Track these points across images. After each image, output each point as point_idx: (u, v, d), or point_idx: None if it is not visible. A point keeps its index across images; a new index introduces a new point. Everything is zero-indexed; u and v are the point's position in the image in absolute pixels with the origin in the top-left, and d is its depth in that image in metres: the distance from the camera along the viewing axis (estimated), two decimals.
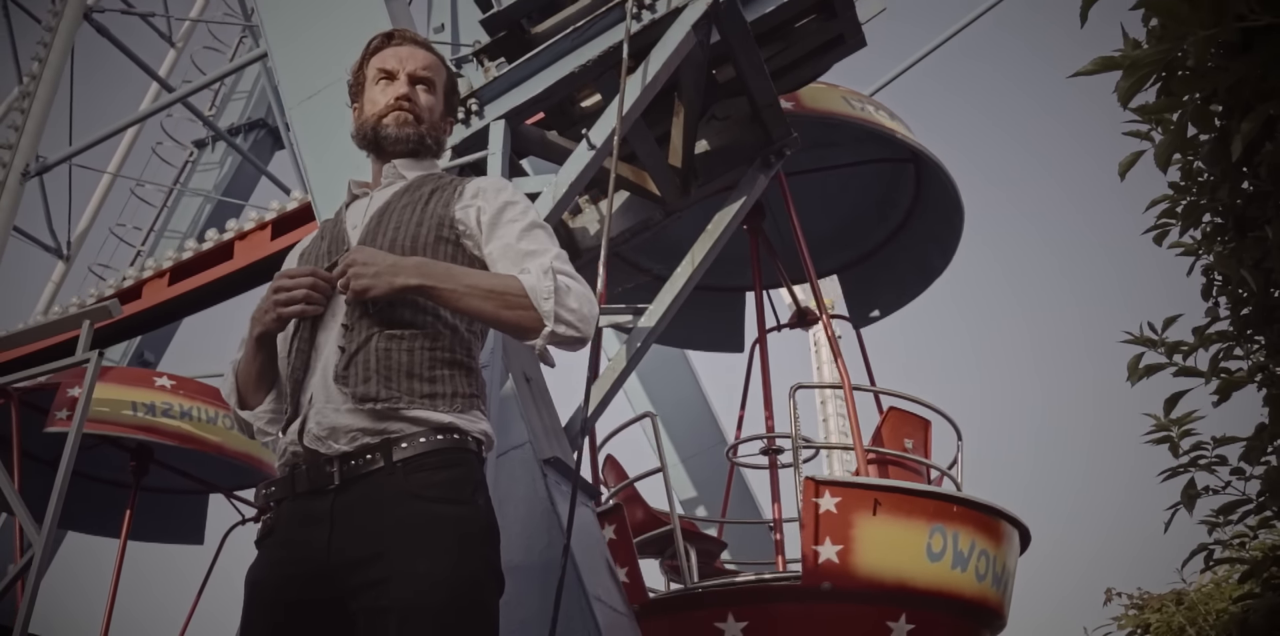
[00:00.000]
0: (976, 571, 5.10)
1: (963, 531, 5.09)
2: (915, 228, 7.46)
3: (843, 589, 4.89)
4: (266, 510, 2.42)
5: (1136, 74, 1.52)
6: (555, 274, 2.35)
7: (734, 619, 4.96)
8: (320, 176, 5.09)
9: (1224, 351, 2.79)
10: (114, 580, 8.08)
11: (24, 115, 9.39)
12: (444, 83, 2.75)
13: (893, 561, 4.93)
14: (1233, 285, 2.49)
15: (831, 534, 4.91)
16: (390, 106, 2.65)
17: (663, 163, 5.11)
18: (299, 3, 5.70)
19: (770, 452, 6.47)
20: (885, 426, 5.74)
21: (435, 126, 2.71)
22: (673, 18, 4.58)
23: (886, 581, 4.91)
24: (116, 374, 8.18)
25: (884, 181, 7.41)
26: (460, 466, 2.31)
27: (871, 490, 5.05)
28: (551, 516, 3.99)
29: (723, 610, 5.01)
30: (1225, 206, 2.15)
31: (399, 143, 2.64)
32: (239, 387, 2.54)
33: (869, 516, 4.95)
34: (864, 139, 6.89)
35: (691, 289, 5.11)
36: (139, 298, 8.40)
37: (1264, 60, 1.39)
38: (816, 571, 4.89)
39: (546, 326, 2.31)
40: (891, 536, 4.96)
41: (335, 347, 2.36)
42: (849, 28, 5.23)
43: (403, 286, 2.30)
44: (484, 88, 4.82)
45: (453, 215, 2.50)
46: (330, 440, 2.30)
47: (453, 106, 2.80)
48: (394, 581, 2.16)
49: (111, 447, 8.17)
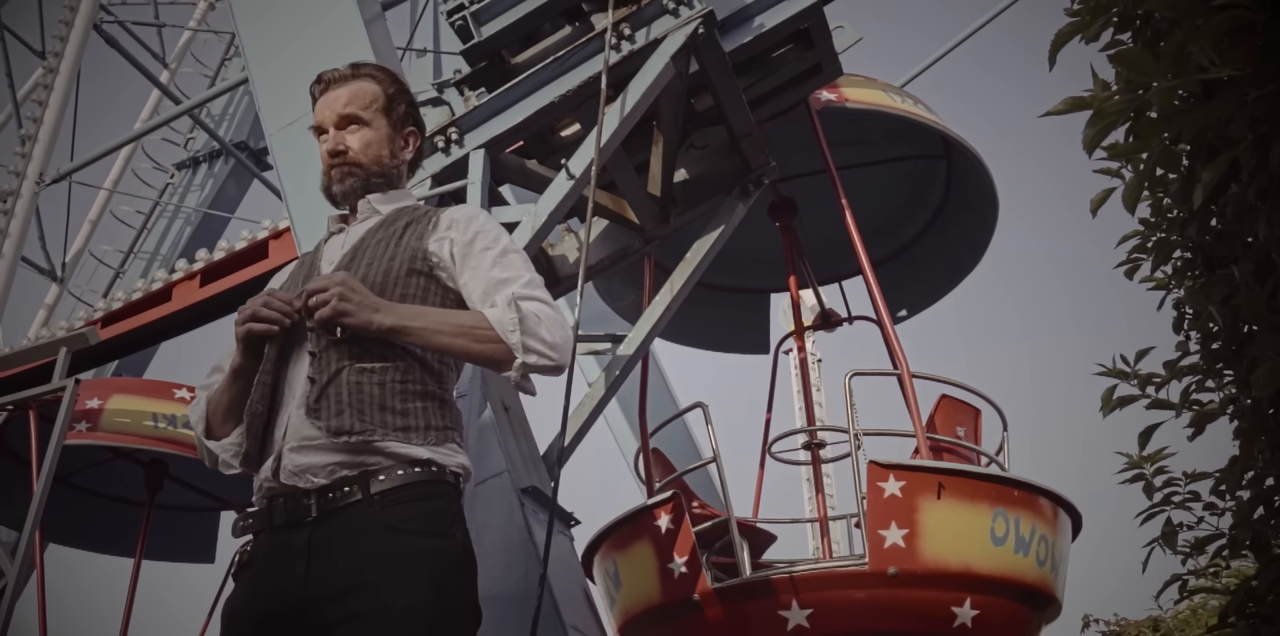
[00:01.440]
0: (1038, 556, 5.05)
1: (1024, 516, 5.03)
2: (945, 226, 7.39)
3: (908, 573, 4.81)
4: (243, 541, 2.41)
5: (1101, 122, 1.55)
6: (519, 303, 2.35)
7: (798, 606, 4.88)
8: (300, 203, 5.10)
9: (1195, 384, 2.82)
10: (128, 600, 7.95)
11: (37, 124, 9.37)
12: (381, 103, 2.66)
13: (958, 546, 4.86)
14: (1203, 319, 2.52)
15: (897, 518, 4.84)
16: (327, 165, 2.63)
17: (642, 191, 5.14)
18: (278, 29, 5.72)
19: (812, 446, 6.43)
20: (938, 414, 5.66)
21: (379, 159, 2.65)
22: (652, 49, 4.62)
23: (952, 566, 4.84)
24: (137, 385, 8.05)
25: (913, 180, 7.31)
26: (438, 498, 2.31)
27: (935, 473, 4.98)
28: (529, 545, 4.00)
29: (787, 597, 4.92)
30: (1194, 244, 2.18)
31: (349, 196, 2.64)
32: (209, 416, 2.53)
33: (933, 500, 4.89)
34: (898, 135, 6.82)
35: (670, 317, 5.12)
36: (130, 317, 8.31)
37: (1224, 110, 1.42)
38: (883, 556, 4.82)
39: (517, 358, 2.33)
40: (956, 520, 4.89)
41: (305, 379, 2.36)
42: (826, 57, 5.30)
43: (379, 325, 2.30)
44: (464, 117, 4.84)
45: (426, 248, 2.50)
46: (308, 474, 2.30)
47: (405, 117, 2.70)
48: (371, 615, 2.16)
49: (125, 462, 8.01)
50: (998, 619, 4.97)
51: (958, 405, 5.70)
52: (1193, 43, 1.44)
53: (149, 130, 12.70)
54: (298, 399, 2.35)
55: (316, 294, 2.31)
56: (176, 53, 15.71)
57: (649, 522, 5.20)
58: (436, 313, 2.40)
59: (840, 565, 5.05)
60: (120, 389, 7.75)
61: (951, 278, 7.52)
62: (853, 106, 6.32)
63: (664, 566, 5.11)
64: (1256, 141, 1.51)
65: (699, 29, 4.59)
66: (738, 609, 5.03)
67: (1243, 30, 1.45)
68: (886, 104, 6.46)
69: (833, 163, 6.16)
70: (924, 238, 7.46)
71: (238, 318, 2.40)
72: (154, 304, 7.90)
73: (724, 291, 7.71)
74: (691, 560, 5.06)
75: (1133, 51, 1.46)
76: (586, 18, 4.89)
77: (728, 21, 4.90)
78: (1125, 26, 1.73)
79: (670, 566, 5.08)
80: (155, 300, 7.89)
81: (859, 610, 4.89)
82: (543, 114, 4.77)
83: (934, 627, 4.91)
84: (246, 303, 2.42)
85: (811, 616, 4.87)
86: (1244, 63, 1.43)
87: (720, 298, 7.73)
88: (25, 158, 9.16)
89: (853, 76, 6.32)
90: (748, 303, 7.89)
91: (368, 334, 2.32)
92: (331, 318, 2.28)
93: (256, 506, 2.40)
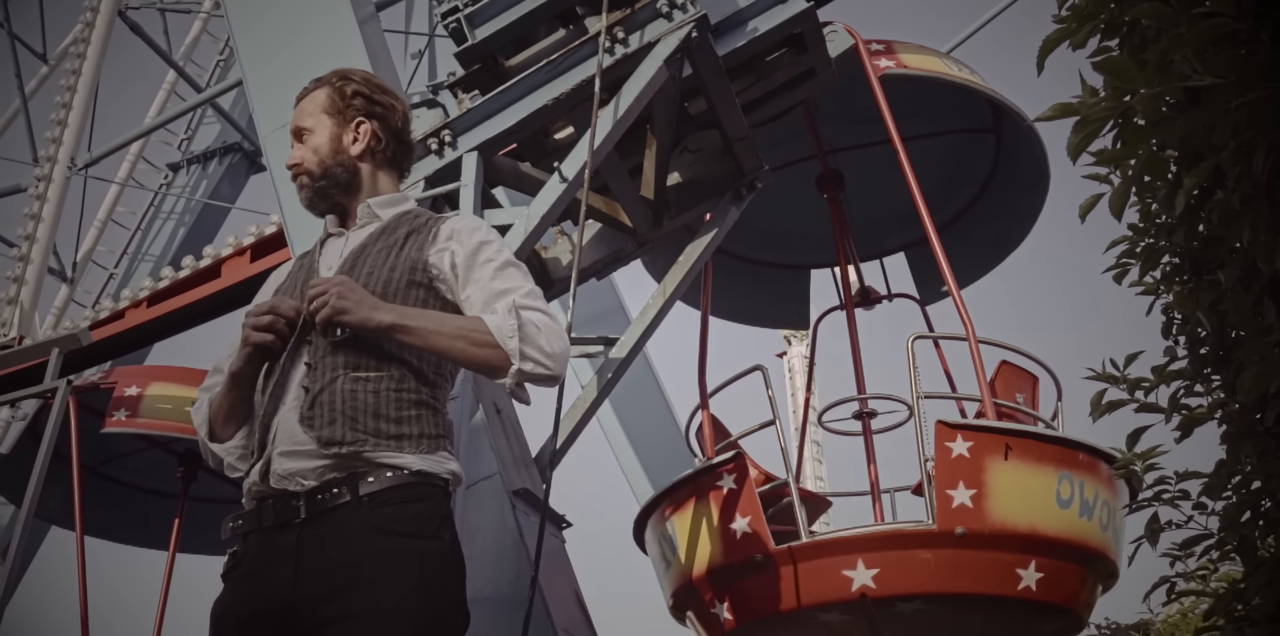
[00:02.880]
0: (1100, 521, 5.02)
1: (1088, 480, 5.00)
2: (991, 201, 7.32)
3: (976, 533, 4.79)
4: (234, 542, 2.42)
5: (1086, 129, 1.56)
6: (520, 311, 2.36)
7: (864, 566, 4.85)
8: (294, 205, 5.07)
9: (1184, 389, 2.83)
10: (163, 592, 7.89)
11: (66, 109, 9.38)
12: (325, 104, 2.65)
13: (1024, 507, 4.82)
14: (1191, 324, 2.53)
15: (965, 478, 4.81)
16: (291, 178, 2.67)
17: (635, 194, 5.15)
18: (273, 30, 5.73)
19: (863, 416, 6.43)
20: (998, 379, 5.62)
21: (323, 160, 2.62)
22: (645, 52, 4.63)
23: (1019, 527, 4.81)
24: (176, 373, 7.96)
25: (959, 154, 7.24)
26: (426, 500, 2.32)
27: (1003, 435, 4.96)
28: (520, 547, 4.00)
29: (852, 557, 4.89)
30: (1182, 249, 2.19)
31: (314, 206, 2.65)
32: (211, 419, 2.54)
33: (1001, 461, 4.86)
34: (948, 108, 6.77)
35: (663, 320, 5.13)
36: (121, 318, 8.28)
37: (1208, 117, 1.44)
38: (950, 515, 4.79)
39: (513, 365, 2.33)
40: (1023, 482, 4.86)
41: (299, 388, 2.37)
42: (820, 61, 5.30)
43: (378, 322, 2.31)
44: (457, 119, 4.85)
45: (426, 259, 2.50)
46: (298, 477, 2.31)
47: (351, 109, 2.65)
48: (359, 617, 2.17)
49: (160, 452, 7.94)
50: (1061, 582, 4.92)
51: (1017, 371, 5.67)
52: (1175, 51, 1.45)
53: (173, 118, 12.64)
54: (289, 404, 2.36)
55: (315, 297, 2.32)
56: (188, 41, 15.66)
57: (711, 483, 5.16)
58: (436, 314, 2.41)
59: (907, 525, 5.01)
60: (159, 376, 7.64)
61: (997, 253, 7.44)
62: (913, 73, 6.23)
63: (726, 527, 5.07)
64: (1239, 148, 1.52)
65: (692, 33, 4.60)
66: (802, 569, 4.96)
67: (1225, 38, 1.46)
68: (944, 71, 6.37)
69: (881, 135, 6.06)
70: (968, 214, 7.38)
71: (246, 322, 2.40)
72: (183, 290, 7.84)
73: (764, 266, 7.73)
74: (755, 520, 5.01)
75: (1117, 59, 1.47)
76: (580, 21, 4.90)
77: (721, 25, 4.90)
78: (1112, 34, 1.75)
79: (733, 527, 5.04)
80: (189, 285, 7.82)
81: (925, 570, 4.83)
82: (536, 117, 4.78)
83: (998, 589, 4.86)
84: (254, 309, 2.42)
85: (877, 576, 4.82)
86: (1227, 70, 1.45)
87: (760, 273, 7.75)
88: (56, 142, 9.16)
89: (906, 43, 6.27)
90: (788, 278, 7.86)
91: (367, 332, 2.33)
92: (330, 317, 2.29)
93: (245, 508, 2.41)
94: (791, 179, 7.18)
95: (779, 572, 4.94)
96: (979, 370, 5.28)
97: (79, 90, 9.66)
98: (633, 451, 9.85)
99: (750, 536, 4.99)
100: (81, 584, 6.62)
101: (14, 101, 11.81)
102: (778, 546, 4.96)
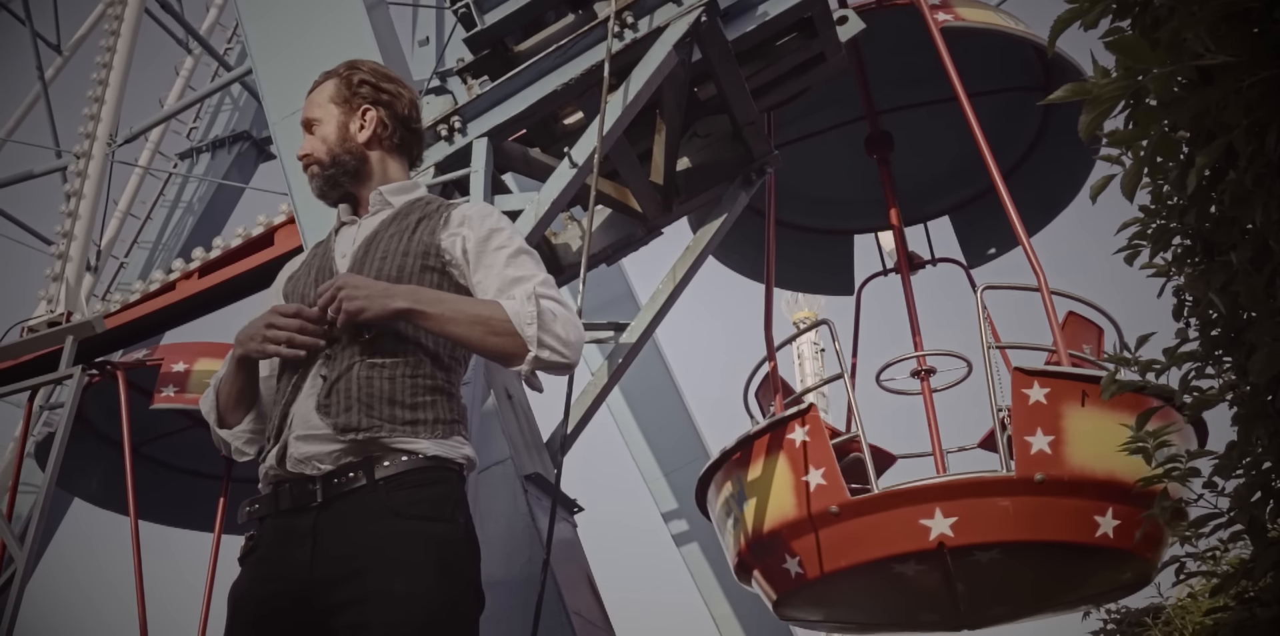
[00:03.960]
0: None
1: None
2: (1039, 160, 7.23)
3: (1055, 480, 4.74)
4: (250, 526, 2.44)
5: (1098, 109, 1.56)
6: (539, 299, 2.37)
7: (941, 514, 4.81)
8: (305, 193, 5.07)
9: (1195, 371, 2.83)
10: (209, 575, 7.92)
11: (103, 86, 9.44)
12: (332, 94, 2.68)
13: (1102, 453, 4.74)
14: (1202, 306, 2.53)
15: (1043, 424, 4.77)
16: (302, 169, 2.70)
17: (644, 180, 5.15)
18: (283, 18, 5.73)
19: (923, 373, 6.38)
20: (1065, 330, 5.56)
21: (330, 149, 2.65)
22: (654, 37, 4.62)
23: (1098, 473, 4.76)
24: (223, 349, 7.92)
25: (1006, 115, 7.14)
26: (441, 484, 2.34)
27: (1079, 381, 4.91)
28: (532, 532, 4.02)
29: (929, 506, 4.84)
30: (1193, 231, 2.19)
31: (325, 195, 2.68)
32: (219, 406, 2.56)
33: (1078, 407, 4.83)
34: (1000, 66, 6.66)
35: (673, 305, 5.13)
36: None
37: (1220, 96, 1.44)
38: (1029, 462, 4.73)
39: (530, 352, 2.33)
40: (1100, 428, 4.77)
41: (317, 376, 2.38)
42: (830, 46, 5.28)
43: (395, 310, 2.31)
44: (467, 105, 4.85)
45: (438, 243, 2.51)
46: (314, 461, 2.33)
47: (357, 97, 2.68)
48: (374, 599, 2.18)
49: (203, 432, 8.00)
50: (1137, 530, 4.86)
51: (1084, 322, 5.64)
52: (1188, 29, 1.45)
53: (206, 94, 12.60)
54: (306, 391, 2.38)
55: (327, 305, 2.32)
56: (209, 22, 15.64)
57: (782, 436, 5.13)
58: (454, 298, 2.42)
59: (986, 473, 4.95)
60: (206, 352, 7.69)
61: (1045, 214, 7.36)
62: (973, 26, 6.14)
63: (799, 479, 5.03)
64: (1251, 127, 1.52)
65: (701, 17, 4.59)
66: (879, 520, 4.92)
67: (1238, 17, 1.46)
68: (1001, 24, 6.28)
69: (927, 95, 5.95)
70: (1016, 174, 7.28)
71: (266, 333, 2.36)
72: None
73: (808, 232, 7.73)
74: (830, 471, 4.97)
75: (1128, 38, 1.47)
76: (589, 6, 4.89)
77: (730, 10, 4.89)
78: (1124, 13, 1.74)
79: (806, 479, 5.00)
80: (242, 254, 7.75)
81: (1003, 518, 4.80)
82: (545, 102, 4.78)
83: (1076, 537, 4.82)
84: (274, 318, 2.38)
85: (956, 524, 4.78)
86: (1239, 49, 1.45)
87: (805, 239, 7.75)
88: (94, 119, 9.21)
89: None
90: (832, 244, 7.83)
91: (387, 320, 2.33)
92: (349, 320, 2.30)
93: (262, 492, 2.42)
94: (834, 144, 7.14)
95: (855, 524, 4.90)
96: (1052, 319, 5.23)
97: (114, 66, 9.72)
98: (642, 436, 9.87)
99: (825, 488, 4.94)
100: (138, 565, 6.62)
101: (18, 92, 11.88)
102: (853, 497, 4.90)
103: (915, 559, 4.89)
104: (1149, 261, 2.59)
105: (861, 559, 4.95)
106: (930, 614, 5.37)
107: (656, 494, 9.57)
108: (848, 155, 7.13)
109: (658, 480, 9.54)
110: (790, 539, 5.13)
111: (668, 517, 9.47)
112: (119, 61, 9.75)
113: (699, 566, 9.35)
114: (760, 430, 5.34)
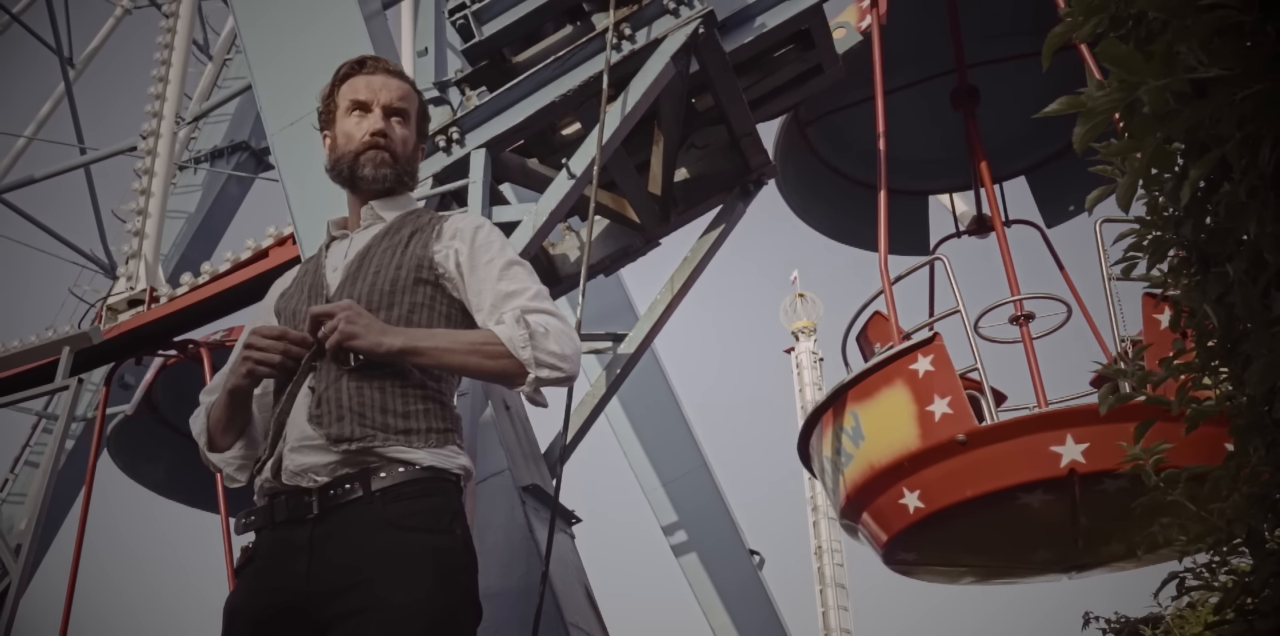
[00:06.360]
0: None
1: None
2: None
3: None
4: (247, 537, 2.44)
5: (1091, 121, 1.57)
6: (527, 318, 2.37)
7: (1073, 441, 4.69)
8: (303, 203, 5.11)
9: (1191, 382, 2.83)
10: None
11: (166, 66, 9.58)
12: (416, 111, 2.72)
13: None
14: (1198, 317, 2.53)
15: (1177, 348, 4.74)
16: (366, 144, 2.62)
17: (642, 190, 5.16)
18: (279, 28, 5.73)
19: (1021, 318, 6.25)
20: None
21: (410, 160, 2.70)
22: (652, 48, 4.63)
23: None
24: None
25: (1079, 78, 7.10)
26: (438, 495, 2.34)
27: None
28: (530, 543, 4.02)
29: (1060, 433, 4.72)
30: (1189, 242, 2.19)
31: (375, 183, 2.63)
32: (209, 429, 2.56)
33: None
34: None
35: (671, 315, 5.13)
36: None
37: (1213, 109, 1.44)
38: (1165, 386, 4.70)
39: (530, 373, 2.34)
40: None
41: (308, 388, 2.38)
42: (827, 57, 5.31)
43: (388, 347, 2.31)
44: (465, 116, 4.86)
45: (431, 256, 2.52)
46: (310, 473, 2.32)
47: (424, 133, 2.77)
48: (372, 611, 2.18)
49: None
50: None
51: None
52: (1181, 42, 1.46)
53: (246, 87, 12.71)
54: (298, 403, 2.38)
55: (322, 323, 2.32)
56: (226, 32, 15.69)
57: (905, 366, 5.03)
58: (445, 332, 2.42)
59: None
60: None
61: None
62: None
63: (923, 410, 4.93)
64: (1245, 140, 1.53)
65: (699, 29, 4.61)
66: (1008, 447, 4.81)
67: (1231, 30, 1.47)
68: None
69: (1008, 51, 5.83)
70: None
71: (251, 344, 2.38)
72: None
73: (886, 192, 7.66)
74: (956, 399, 4.85)
75: (1122, 50, 1.48)
76: (587, 17, 4.91)
77: (728, 21, 4.91)
78: (1118, 27, 1.74)
79: (930, 409, 4.90)
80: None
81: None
82: (544, 113, 4.79)
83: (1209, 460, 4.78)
84: (263, 330, 2.40)
85: (1087, 451, 4.67)
86: (1232, 62, 1.45)
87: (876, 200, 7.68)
88: (160, 98, 9.35)
89: None
90: (906, 204, 7.67)
91: (378, 357, 2.32)
92: (340, 342, 2.29)
93: (258, 504, 2.42)
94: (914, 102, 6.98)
95: (981, 453, 4.79)
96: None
97: (175, 47, 9.85)
98: (640, 447, 9.86)
99: (951, 417, 4.83)
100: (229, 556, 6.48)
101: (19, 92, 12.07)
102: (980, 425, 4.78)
103: (1043, 487, 4.75)
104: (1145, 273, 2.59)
105: (988, 488, 4.81)
106: (1045, 551, 5.22)
107: (655, 504, 9.55)
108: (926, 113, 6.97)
109: (656, 490, 9.51)
110: (911, 471, 5.00)
111: (666, 528, 9.45)
112: (179, 42, 9.90)
113: (698, 577, 9.32)
114: (879, 362, 5.21)
